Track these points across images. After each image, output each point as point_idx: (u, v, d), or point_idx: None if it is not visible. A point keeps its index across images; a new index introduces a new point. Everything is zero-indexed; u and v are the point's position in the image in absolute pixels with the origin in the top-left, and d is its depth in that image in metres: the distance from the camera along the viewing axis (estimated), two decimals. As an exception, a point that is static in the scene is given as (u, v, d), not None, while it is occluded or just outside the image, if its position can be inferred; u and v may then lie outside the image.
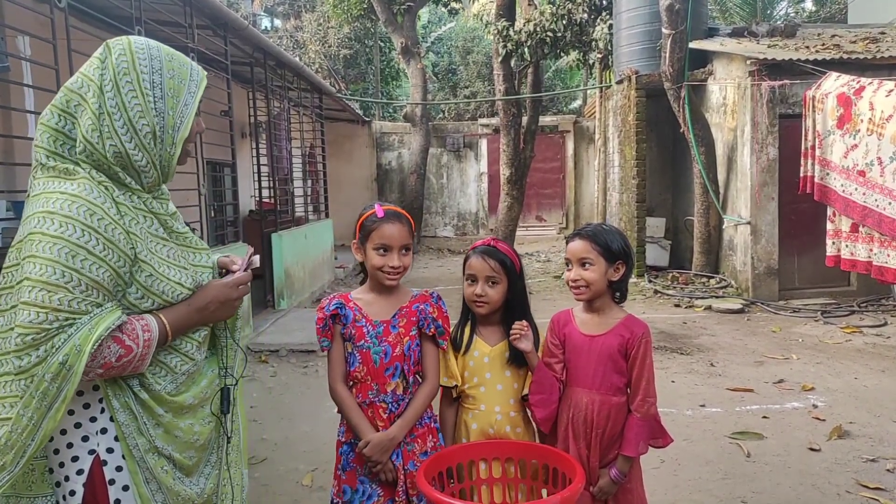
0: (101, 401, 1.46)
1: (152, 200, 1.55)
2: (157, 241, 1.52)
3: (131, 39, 1.51)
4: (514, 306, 2.16)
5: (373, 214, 2.02)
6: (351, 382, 2.05)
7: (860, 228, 5.36)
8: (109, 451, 1.46)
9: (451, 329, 2.20)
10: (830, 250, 5.73)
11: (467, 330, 2.18)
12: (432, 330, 2.05)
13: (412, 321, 2.05)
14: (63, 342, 1.31)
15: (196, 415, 1.59)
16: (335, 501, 2.05)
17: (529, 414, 2.16)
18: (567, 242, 2.15)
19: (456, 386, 2.15)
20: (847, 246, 5.53)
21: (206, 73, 1.62)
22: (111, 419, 1.47)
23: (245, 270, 1.68)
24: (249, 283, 1.68)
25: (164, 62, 1.50)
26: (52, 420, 1.33)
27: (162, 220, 1.56)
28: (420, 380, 2.09)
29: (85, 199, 1.37)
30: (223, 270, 1.72)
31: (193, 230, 1.79)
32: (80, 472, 1.45)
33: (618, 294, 2.13)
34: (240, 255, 1.75)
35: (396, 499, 1.98)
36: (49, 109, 1.47)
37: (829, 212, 5.74)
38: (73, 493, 1.44)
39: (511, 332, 2.08)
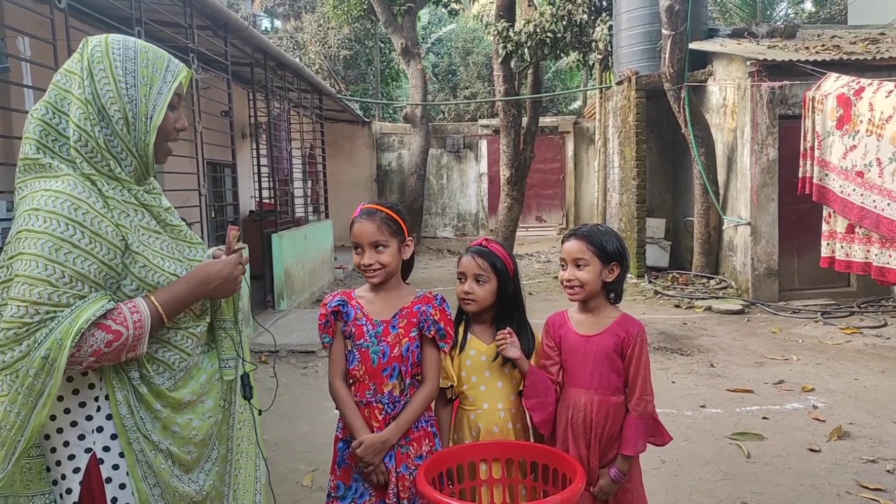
0: (96, 399, 1.47)
1: (144, 194, 1.55)
2: (149, 234, 1.53)
3: (109, 35, 1.54)
4: (506, 307, 2.16)
5: (355, 215, 2.05)
6: (350, 381, 2.05)
7: (856, 229, 5.35)
8: (106, 449, 1.47)
9: None
10: (825, 251, 5.72)
11: (461, 329, 2.18)
12: (432, 332, 2.03)
13: (412, 322, 2.03)
14: (45, 337, 1.32)
15: (195, 410, 1.59)
16: (331, 495, 2.05)
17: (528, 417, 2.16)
18: (562, 242, 2.15)
19: (451, 386, 2.15)
20: (842, 247, 5.52)
21: (188, 68, 1.62)
22: (108, 417, 1.47)
23: (232, 251, 1.68)
24: (244, 261, 1.68)
25: (138, 52, 1.52)
26: (39, 415, 1.34)
27: (154, 213, 1.56)
28: (419, 382, 2.07)
29: (69, 195, 1.39)
30: None
31: (190, 226, 1.80)
32: (76, 470, 1.45)
33: (612, 295, 2.12)
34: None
35: (387, 501, 1.97)
36: (42, 104, 1.49)
37: (825, 213, 5.74)
38: (69, 491, 1.44)
39: (496, 341, 2.07)
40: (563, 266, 2.12)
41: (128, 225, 1.47)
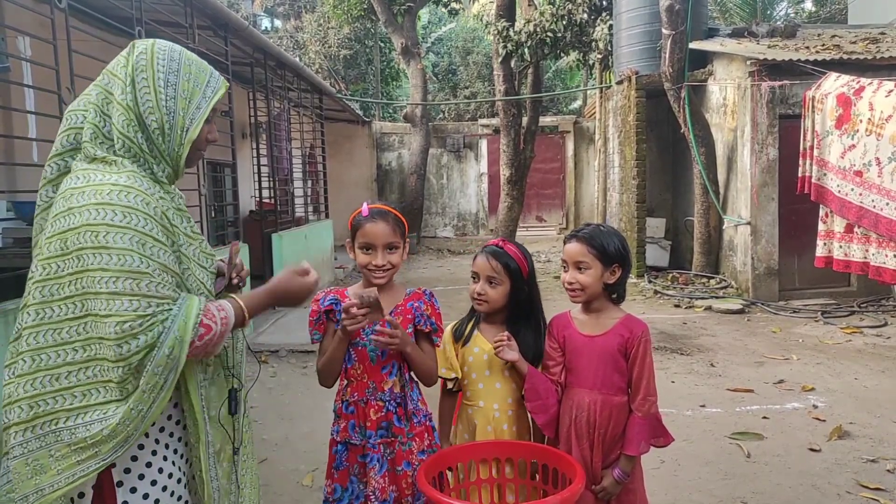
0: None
1: (179, 198, 1.59)
2: (188, 239, 1.57)
3: (157, 41, 1.56)
4: (520, 309, 2.16)
5: (359, 213, 2.04)
6: (346, 381, 2.06)
7: (855, 229, 5.36)
8: None
9: (456, 323, 2.22)
10: (821, 251, 5.73)
11: (469, 325, 2.19)
12: (428, 327, 2.06)
13: (408, 318, 2.05)
14: (164, 335, 1.37)
15: (212, 419, 1.62)
16: (328, 499, 2.06)
17: (530, 418, 2.16)
18: (564, 244, 2.14)
19: (455, 379, 2.15)
20: (841, 246, 5.53)
21: (226, 82, 1.64)
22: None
23: (231, 264, 1.76)
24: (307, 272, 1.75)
25: (182, 64, 1.53)
26: (160, 406, 1.40)
27: (186, 218, 1.60)
28: (415, 378, 2.09)
29: (139, 190, 1.42)
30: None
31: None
32: None
33: (615, 295, 2.12)
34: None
35: (385, 499, 1.98)
36: (91, 106, 1.51)
37: (822, 212, 5.74)
38: (81, 495, 1.44)
39: (493, 343, 2.06)
40: (564, 268, 2.12)
41: (179, 225, 1.53)
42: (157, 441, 1.52)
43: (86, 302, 1.38)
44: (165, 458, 1.53)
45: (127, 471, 1.47)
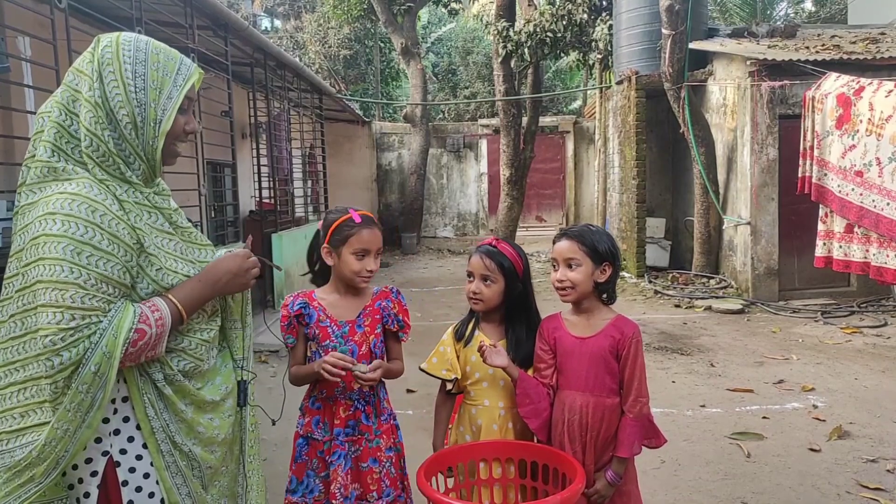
0: (113, 401, 1.46)
1: (154, 195, 1.54)
2: (163, 236, 1.53)
3: (121, 33, 1.52)
4: (516, 307, 2.16)
5: (349, 220, 2.05)
6: (316, 379, 2.10)
7: (855, 229, 5.36)
8: (122, 452, 1.46)
9: (457, 324, 2.23)
10: (821, 251, 5.73)
11: (470, 325, 2.19)
12: (395, 326, 2.12)
13: (377, 319, 2.10)
14: (90, 352, 1.32)
15: (216, 410, 1.60)
16: (287, 489, 2.12)
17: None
18: (553, 243, 2.12)
19: (455, 380, 2.15)
20: (841, 247, 5.53)
21: (200, 70, 1.60)
22: (125, 419, 1.47)
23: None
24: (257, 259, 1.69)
25: (149, 54, 1.49)
26: (89, 428, 1.35)
27: (166, 215, 1.56)
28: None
29: (85, 197, 1.37)
30: None
31: (197, 225, 1.81)
32: (93, 473, 1.45)
33: (605, 296, 2.10)
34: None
35: (333, 501, 2.01)
36: (55, 105, 1.47)
37: (822, 212, 5.74)
38: (87, 495, 1.44)
39: (479, 352, 2.05)
40: (554, 267, 2.10)
41: (143, 227, 1.47)
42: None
43: (26, 319, 1.36)
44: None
45: (132, 470, 1.47)
